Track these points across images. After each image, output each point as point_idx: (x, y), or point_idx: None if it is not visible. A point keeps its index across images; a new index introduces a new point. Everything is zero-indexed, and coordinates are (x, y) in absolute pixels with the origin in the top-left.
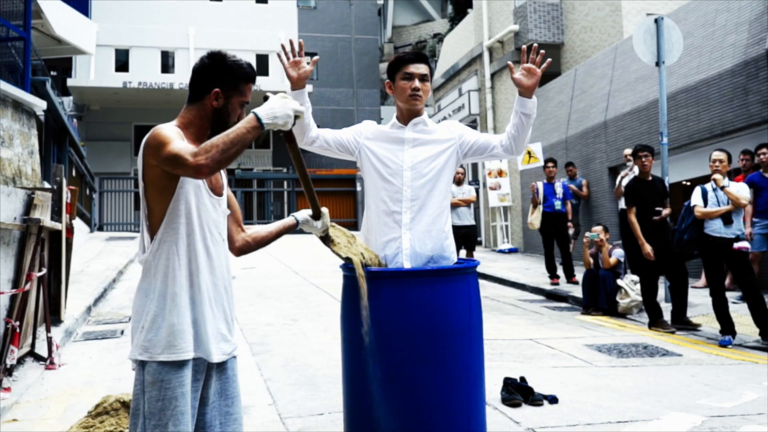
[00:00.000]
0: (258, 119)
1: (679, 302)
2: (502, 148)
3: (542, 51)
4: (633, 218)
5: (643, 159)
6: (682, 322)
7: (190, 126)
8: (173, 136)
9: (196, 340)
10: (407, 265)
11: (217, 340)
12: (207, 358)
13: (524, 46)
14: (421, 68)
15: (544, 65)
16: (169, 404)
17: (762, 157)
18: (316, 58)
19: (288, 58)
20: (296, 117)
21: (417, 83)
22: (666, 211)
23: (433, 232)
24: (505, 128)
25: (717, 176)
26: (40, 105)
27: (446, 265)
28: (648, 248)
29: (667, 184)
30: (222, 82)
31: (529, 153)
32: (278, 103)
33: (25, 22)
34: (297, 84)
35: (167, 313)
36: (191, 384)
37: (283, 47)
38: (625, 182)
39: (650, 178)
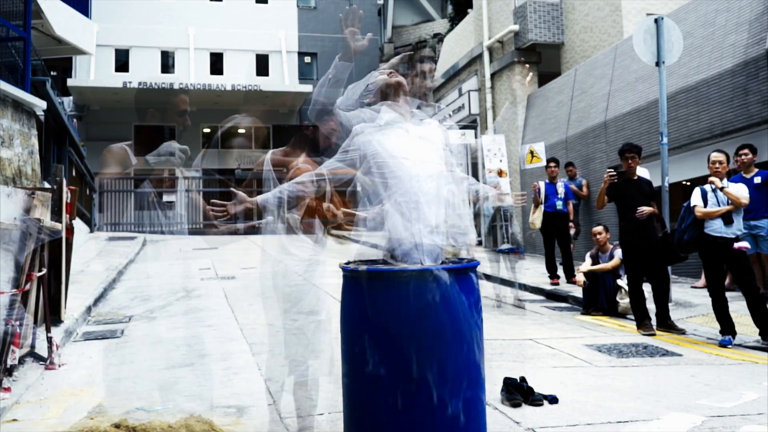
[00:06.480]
0: None
1: (662, 305)
2: None
3: None
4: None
5: (630, 160)
6: (666, 326)
7: None
8: None
9: None
10: (431, 264)
11: None
12: None
13: None
14: (430, 64)
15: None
16: None
17: (744, 158)
18: (369, 35)
19: (347, 26)
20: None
21: (429, 82)
22: (647, 209)
23: (454, 230)
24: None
25: (714, 179)
26: (40, 105)
27: (446, 265)
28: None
29: (666, 185)
30: None
31: (531, 153)
32: None
33: (25, 22)
34: (349, 57)
35: None
36: None
37: (347, 12)
38: None
39: (636, 177)
